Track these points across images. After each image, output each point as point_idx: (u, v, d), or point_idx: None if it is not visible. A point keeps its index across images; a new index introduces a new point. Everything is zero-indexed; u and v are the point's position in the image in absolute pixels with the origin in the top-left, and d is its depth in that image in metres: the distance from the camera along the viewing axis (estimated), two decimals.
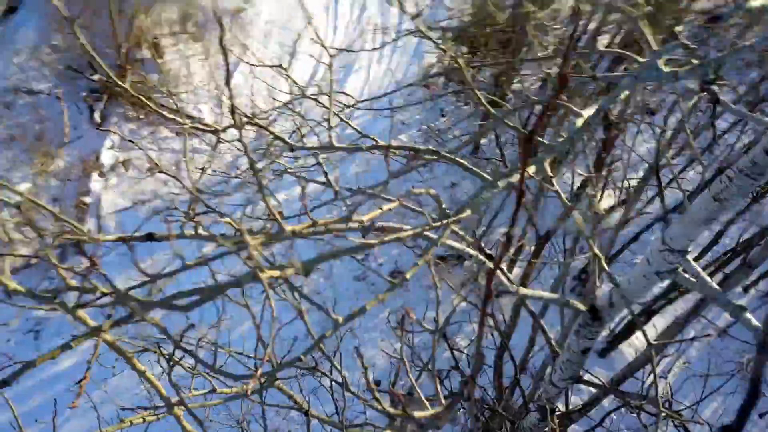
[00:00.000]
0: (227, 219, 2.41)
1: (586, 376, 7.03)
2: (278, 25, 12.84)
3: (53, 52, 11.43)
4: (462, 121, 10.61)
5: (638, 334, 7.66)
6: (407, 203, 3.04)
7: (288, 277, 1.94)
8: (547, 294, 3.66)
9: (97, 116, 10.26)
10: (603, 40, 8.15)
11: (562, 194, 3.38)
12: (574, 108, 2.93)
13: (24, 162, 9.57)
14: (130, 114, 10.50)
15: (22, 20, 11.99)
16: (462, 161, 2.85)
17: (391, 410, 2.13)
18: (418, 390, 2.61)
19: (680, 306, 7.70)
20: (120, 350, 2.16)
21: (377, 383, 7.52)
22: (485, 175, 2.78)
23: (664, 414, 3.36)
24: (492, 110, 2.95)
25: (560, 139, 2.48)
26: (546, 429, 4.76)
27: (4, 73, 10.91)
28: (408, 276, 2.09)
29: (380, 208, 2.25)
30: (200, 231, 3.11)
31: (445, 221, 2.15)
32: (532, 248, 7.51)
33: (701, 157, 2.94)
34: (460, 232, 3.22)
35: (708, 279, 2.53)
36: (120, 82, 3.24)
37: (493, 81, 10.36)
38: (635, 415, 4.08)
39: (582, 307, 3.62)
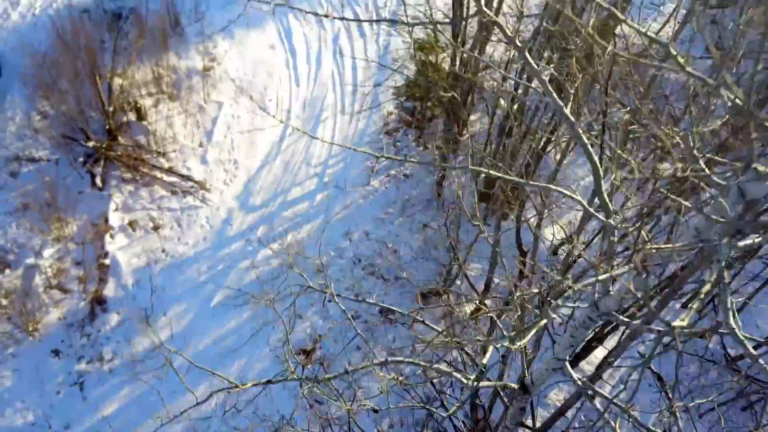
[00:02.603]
0: None
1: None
2: (246, 81, 14.47)
3: (43, 119, 12.49)
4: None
5: (595, 352, 9.58)
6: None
7: None
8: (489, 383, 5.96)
9: (98, 181, 11.62)
10: None
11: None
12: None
13: (42, 230, 10.86)
14: (126, 176, 11.92)
15: (4, 86, 12.84)
16: None
17: None
18: None
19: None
20: None
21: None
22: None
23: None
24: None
25: None
26: None
27: (2, 142, 11.93)
28: None
29: None
30: None
31: None
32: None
33: None
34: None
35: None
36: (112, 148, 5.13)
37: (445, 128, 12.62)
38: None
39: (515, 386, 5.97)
